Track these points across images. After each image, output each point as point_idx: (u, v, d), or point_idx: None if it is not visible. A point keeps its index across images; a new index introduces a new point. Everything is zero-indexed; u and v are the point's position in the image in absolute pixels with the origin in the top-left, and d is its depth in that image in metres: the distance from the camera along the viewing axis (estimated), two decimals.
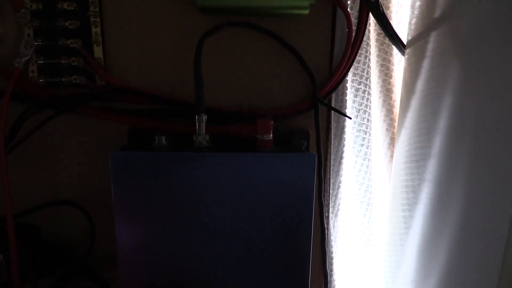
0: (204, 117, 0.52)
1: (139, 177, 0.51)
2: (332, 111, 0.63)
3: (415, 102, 0.63)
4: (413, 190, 0.65)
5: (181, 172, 0.51)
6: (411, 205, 0.66)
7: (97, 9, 0.57)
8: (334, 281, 0.68)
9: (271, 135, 0.53)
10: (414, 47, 0.62)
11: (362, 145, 0.66)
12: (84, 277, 0.66)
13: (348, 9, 0.59)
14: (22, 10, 0.57)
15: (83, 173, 0.63)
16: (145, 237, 0.52)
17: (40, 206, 0.64)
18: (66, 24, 0.57)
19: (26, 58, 0.58)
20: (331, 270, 0.67)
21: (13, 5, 0.56)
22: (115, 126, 0.60)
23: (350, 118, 0.62)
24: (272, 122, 0.53)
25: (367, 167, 0.66)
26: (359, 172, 0.66)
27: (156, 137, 0.53)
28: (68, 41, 0.58)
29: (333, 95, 0.63)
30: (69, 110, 0.59)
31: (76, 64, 0.59)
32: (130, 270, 0.54)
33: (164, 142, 0.53)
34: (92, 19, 0.58)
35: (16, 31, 0.59)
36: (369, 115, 0.65)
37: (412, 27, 0.62)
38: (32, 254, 0.61)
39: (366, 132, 0.65)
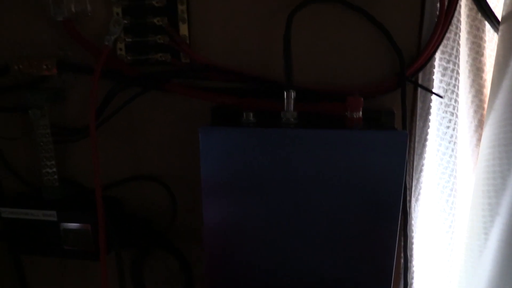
0: (293, 93, 0.52)
1: (227, 153, 0.51)
2: (419, 90, 0.60)
3: (507, 83, 0.59)
4: (502, 176, 0.61)
5: (269, 148, 0.50)
6: (497, 191, 0.62)
7: None
8: (413, 266, 0.66)
9: (361, 112, 0.51)
10: (510, 23, 0.58)
11: (448, 127, 0.63)
12: (164, 250, 0.68)
13: None
14: None
15: (167, 149, 0.64)
16: (231, 214, 0.53)
17: (124, 180, 0.66)
18: (153, 2, 0.58)
19: (115, 36, 0.59)
20: (411, 255, 0.65)
21: None
22: (199, 103, 0.61)
23: (442, 97, 0.59)
24: (362, 99, 0.51)
25: (452, 151, 0.63)
26: (444, 155, 0.63)
27: (244, 113, 0.53)
28: (155, 19, 0.59)
29: (420, 74, 0.60)
30: (155, 87, 0.60)
31: (162, 42, 0.60)
32: (215, 248, 0.54)
33: (252, 119, 0.53)
34: None
35: (106, 9, 0.60)
36: (456, 96, 0.62)
37: (508, 1, 0.58)
38: (116, 226, 0.64)
39: (452, 113, 0.62)
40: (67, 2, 0.59)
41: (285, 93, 0.52)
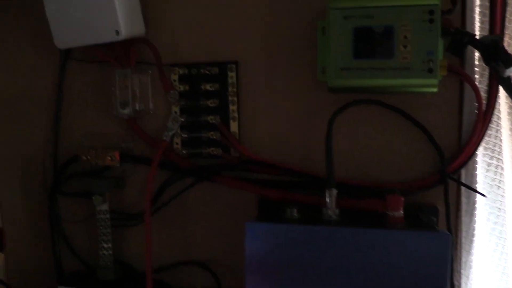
0: (335, 192, 0.54)
1: (271, 246, 0.54)
2: (462, 187, 0.61)
3: None
4: None
5: (312, 244, 0.52)
6: None
7: (235, 90, 0.64)
8: None
9: (402, 211, 0.53)
10: None
11: (496, 223, 0.62)
12: None
13: (477, 83, 0.59)
14: (172, 91, 0.65)
15: (214, 236, 0.68)
16: None
17: (174, 264, 0.69)
18: (208, 103, 0.65)
19: (173, 132, 0.66)
20: None
21: (165, 86, 0.65)
22: (246, 194, 0.65)
23: (484, 196, 0.59)
24: (402, 198, 0.53)
25: (503, 247, 0.62)
26: (494, 252, 0.62)
27: (288, 210, 0.56)
28: (209, 118, 0.65)
29: (463, 171, 0.61)
30: (207, 178, 0.65)
31: (214, 137, 0.65)
32: None
33: (295, 215, 0.55)
34: (230, 98, 0.64)
35: (165, 108, 0.67)
36: (503, 191, 0.62)
37: None
38: None
39: (499, 209, 0.62)
40: (132, 102, 0.67)
41: (326, 191, 0.55)
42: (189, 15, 0.65)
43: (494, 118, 0.61)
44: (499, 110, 0.61)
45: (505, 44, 0.58)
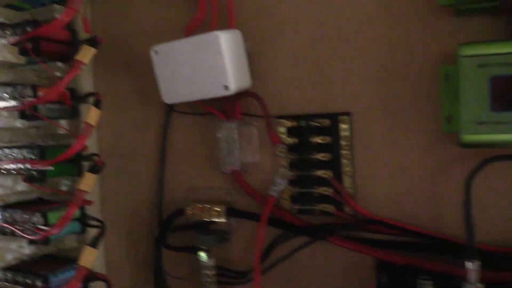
0: (478, 264, 0.47)
1: None
2: None
3: None
4: None
5: None
6: None
7: (348, 143, 0.60)
8: None
9: None
10: None
11: None
12: None
13: None
14: (280, 144, 0.62)
15: None
16: None
17: None
18: (319, 156, 0.61)
19: (281, 187, 0.63)
20: None
21: (272, 139, 0.62)
22: (362, 256, 0.59)
23: None
24: None
25: None
26: None
27: (420, 281, 0.50)
28: (320, 172, 0.61)
29: None
30: (321, 238, 0.61)
31: (327, 193, 0.61)
32: None
33: None
34: (343, 152, 0.60)
35: (272, 162, 0.65)
36: None
37: None
38: None
39: None
40: (238, 155, 0.65)
41: (467, 263, 0.48)
42: (296, 64, 0.63)
43: None
44: None
45: None
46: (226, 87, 0.59)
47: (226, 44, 0.58)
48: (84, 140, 0.66)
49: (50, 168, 0.67)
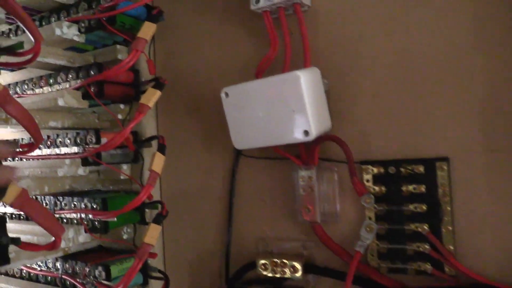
0: None
1: None
2: None
3: None
4: None
5: None
6: None
7: (447, 192, 0.52)
8: None
9: None
10: None
11: None
12: None
13: None
14: (365, 194, 0.56)
15: None
16: None
17: None
18: (412, 207, 0.54)
19: (368, 242, 0.56)
20: None
21: (357, 188, 0.56)
22: None
23: None
24: None
25: None
26: None
27: None
28: (413, 226, 0.54)
29: None
30: None
31: (422, 250, 0.53)
32: None
33: None
34: (441, 203, 0.53)
35: (357, 212, 0.58)
36: None
37: None
38: None
39: None
40: (317, 204, 0.59)
41: None
42: (381, 103, 0.56)
43: None
44: None
45: None
46: (306, 133, 0.53)
47: (306, 85, 0.53)
48: (150, 189, 0.62)
49: (114, 219, 0.63)
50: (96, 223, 0.64)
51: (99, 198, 0.64)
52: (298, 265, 0.59)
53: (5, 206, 0.76)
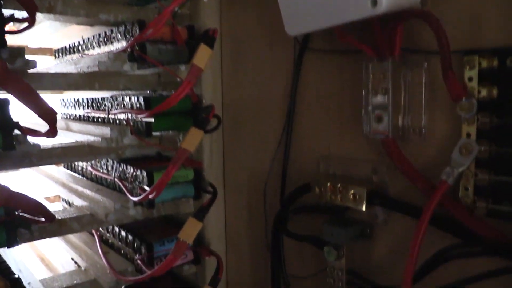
0: None
1: None
2: None
3: None
4: None
5: None
6: None
7: None
8: None
9: None
10: None
11: None
12: None
13: None
14: (464, 98, 0.37)
15: None
16: None
17: None
18: None
19: (462, 169, 0.38)
20: None
21: (452, 90, 0.37)
22: None
23: None
24: None
25: None
26: None
27: None
28: None
29: None
30: None
31: None
32: None
33: None
34: None
35: (450, 127, 0.40)
36: None
37: None
38: None
39: None
40: (393, 113, 0.42)
41: None
42: None
43: None
44: None
45: None
46: (373, 3, 0.36)
47: None
48: (190, 86, 0.52)
49: (151, 119, 0.55)
50: (139, 124, 0.58)
51: (142, 97, 0.57)
52: (362, 193, 0.45)
53: None
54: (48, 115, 0.42)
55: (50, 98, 0.93)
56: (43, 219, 0.48)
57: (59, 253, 0.82)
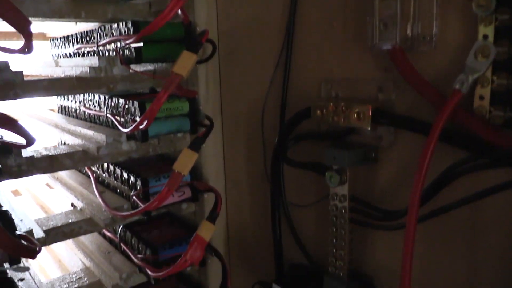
0: None
1: None
2: None
3: None
4: None
5: None
6: None
7: None
8: None
9: None
10: None
11: None
12: None
13: None
14: None
15: None
16: None
17: None
18: None
19: (477, 75, 0.34)
20: None
21: None
22: None
23: None
24: None
25: None
26: None
27: None
28: None
29: None
30: None
31: None
32: None
33: None
34: None
35: (465, 30, 0.36)
36: None
37: None
38: None
39: None
40: (402, 21, 0.38)
41: None
42: None
43: None
44: None
45: None
46: None
47: None
48: (181, 3, 0.48)
49: (140, 45, 0.51)
50: (128, 52, 0.54)
51: (130, 21, 0.53)
52: (367, 111, 0.41)
53: None
54: (22, 26, 0.38)
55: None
56: (24, 143, 0.45)
57: (60, 200, 0.80)
